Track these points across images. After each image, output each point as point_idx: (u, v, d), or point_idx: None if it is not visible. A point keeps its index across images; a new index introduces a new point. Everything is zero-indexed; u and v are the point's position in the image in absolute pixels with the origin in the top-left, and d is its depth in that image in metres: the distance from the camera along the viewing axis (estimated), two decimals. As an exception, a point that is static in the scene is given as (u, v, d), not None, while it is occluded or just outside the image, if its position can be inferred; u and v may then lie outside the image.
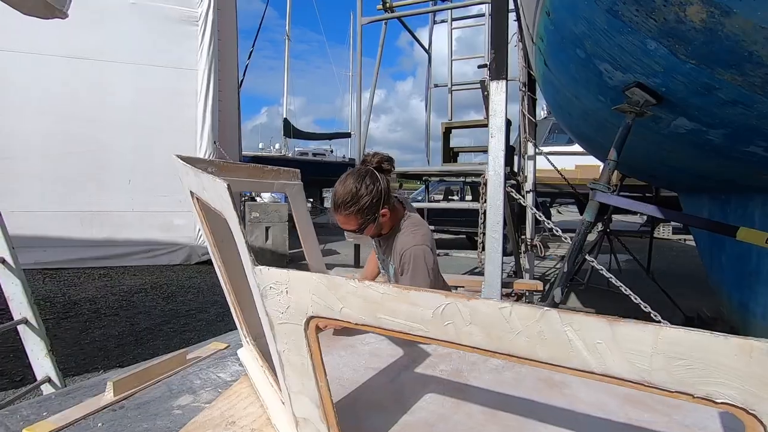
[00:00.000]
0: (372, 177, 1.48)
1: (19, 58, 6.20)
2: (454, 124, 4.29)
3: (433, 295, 0.59)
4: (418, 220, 1.59)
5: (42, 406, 1.08)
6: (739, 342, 0.43)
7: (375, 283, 0.63)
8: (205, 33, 7.20)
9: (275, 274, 0.73)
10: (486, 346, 0.56)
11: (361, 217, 1.46)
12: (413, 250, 1.48)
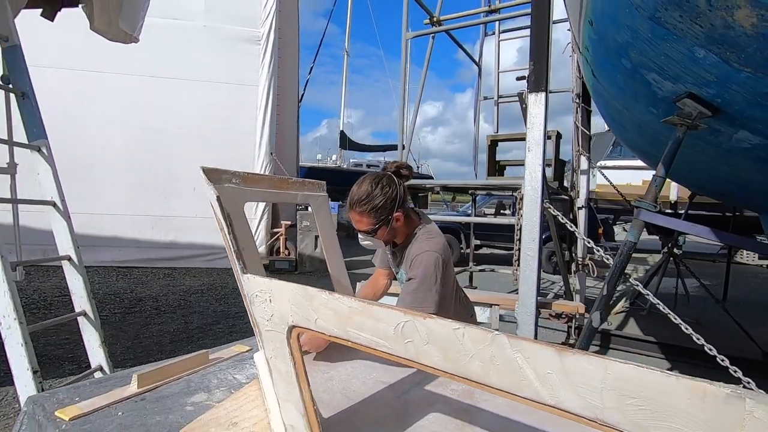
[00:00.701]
0: (388, 180, 1.50)
1: (105, 78, 6.96)
2: (499, 137, 4.19)
3: (394, 312, 0.58)
4: (434, 230, 1.58)
5: (76, 392, 1.20)
6: (691, 384, 0.39)
7: (344, 297, 0.64)
8: (267, 51, 7.66)
9: (260, 283, 0.76)
10: (444, 367, 0.55)
11: (373, 216, 1.48)
12: (425, 255, 1.47)
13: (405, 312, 0.57)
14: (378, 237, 1.56)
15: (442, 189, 4.14)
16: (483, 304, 2.70)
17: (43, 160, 2.06)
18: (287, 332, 0.75)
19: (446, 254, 1.52)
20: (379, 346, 0.62)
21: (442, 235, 1.57)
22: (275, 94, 7.87)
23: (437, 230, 1.59)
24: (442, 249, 1.50)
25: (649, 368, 0.41)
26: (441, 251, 1.49)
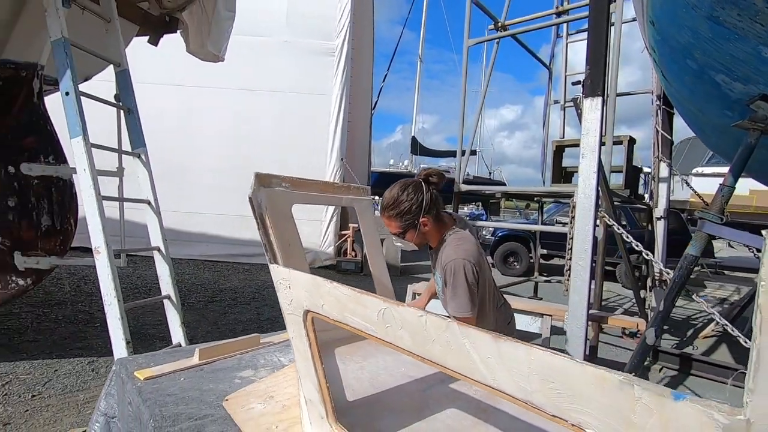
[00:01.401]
0: (416, 187, 1.57)
1: (201, 92, 7.82)
2: (565, 142, 4.00)
3: (376, 299, 0.68)
4: (464, 235, 1.61)
5: (153, 359, 1.44)
6: (594, 372, 0.44)
7: (342, 286, 0.75)
8: (340, 62, 8.06)
9: (282, 272, 0.89)
10: (413, 350, 0.63)
11: (400, 220, 1.57)
12: (454, 263, 1.52)
13: (384, 300, 0.66)
14: (407, 240, 1.65)
15: (503, 195, 4.07)
16: (535, 314, 2.63)
17: (142, 166, 2.44)
18: (303, 315, 0.87)
19: (476, 259, 1.55)
20: (368, 330, 0.71)
21: (472, 241, 1.60)
22: (347, 103, 8.24)
23: (468, 236, 1.62)
24: (471, 255, 1.54)
25: (562, 356, 0.46)
26: (470, 257, 1.53)
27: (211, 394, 1.22)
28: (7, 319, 4.15)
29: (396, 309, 0.63)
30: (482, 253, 1.62)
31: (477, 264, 1.54)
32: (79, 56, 2.70)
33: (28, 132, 2.70)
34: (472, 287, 1.52)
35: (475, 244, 1.59)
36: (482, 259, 1.61)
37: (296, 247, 1.56)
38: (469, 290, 1.51)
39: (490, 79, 4.18)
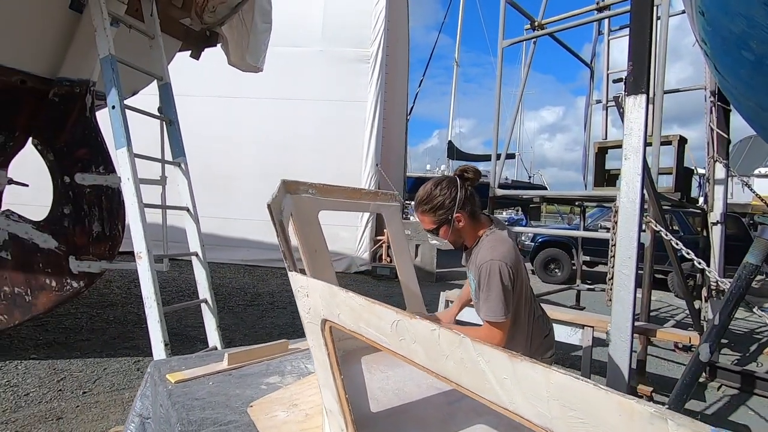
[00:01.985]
0: (449, 182, 1.55)
1: (242, 102, 8.12)
2: (608, 143, 3.79)
3: (389, 310, 0.65)
4: (502, 237, 1.55)
5: (185, 362, 1.48)
6: (621, 401, 0.39)
7: (356, 296, 0.72)
8: (375, 69, 8.13)
9: (300, 280, 0.88)
10: (428, 365, 0.60)
11: (434, 215, 1.54)
12: (489, 264, 1.46)
13: (397, 311, 0.63)
14: (442, 236, 1.60)
15: (542, 200, 3.92)
16: (575, 325, 2.50)
17: (181, 174, 2.55)
18: (321, 324, 0.85)
19: (513, 262, 1.48)
20: (382, 342, 0.68)
21: (508, 243, 1.53)
22: (382, 109, 8.28)
23: (505, 237, 1.56)
24: (508, 257, 1.47)
25: (584, 380, 0.42)
26: (505, 259, 1.46)
27: (237, 400, 1.23)
28: (66, 318, 4.45)
29: (409, 321, 0.60)
30: (520, 258, 1.55)
31: (514, 267, 1.48)
32: (127, 72, 2.87)
33: (81, 144, 2.89)
34: (507, 291, 1.45)
35: (513, 247, 1.53)
36: (520, 263, 1.54)
37: (323, 254, 1.56)
38: (503, 293, 1.45)
39: (527, 80, 4.05)
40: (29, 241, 2.99)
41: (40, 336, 3.86)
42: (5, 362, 3.24)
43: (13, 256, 3.00)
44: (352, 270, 8.05)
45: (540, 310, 1.77)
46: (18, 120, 2.80)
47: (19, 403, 2.71)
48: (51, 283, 3.06)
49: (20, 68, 2.59)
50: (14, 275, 3.03)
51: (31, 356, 3.40)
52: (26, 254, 3.01)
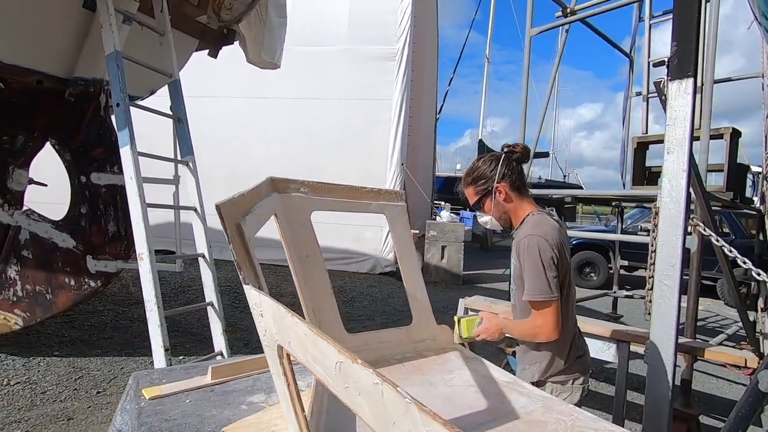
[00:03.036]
0: (493, 156, 1.53)
1: (266, 102, 8.15)
2: (648, 138, 3.44)
3: (332, 348, 0.49)
4: (546, 219, 1.46)
5: (167, 375, 1.37)
6: None
7: (301, 322, 0.57)
8: (401, 66, 7.96)
9: (253, 296, 0.73)
10: (375, 427, 0.44)
11: (476, 186, 1.53)
12: (527, 239, 1.39)
13: (339, 350, 0.47)
14: (485, 210, 1.54)
15: (575, 200, 3.63)
16: (608, 339, 2.24)
17: (189, 173, 2.49)
18: (278, 350, 0.70)
19: (555, 242, 1.38)
20: (329, 386, 0.52)
21: (554, 226, 1.44)
22: (408, 107, 8.10)
23: (551, 221, 1.46)
24: (549, 234, 1.38)
25: None
26: (547, 236, 1.37)
27: (211, 422, 1.10)
28: (92, 316, 4.54)
29: (351, 366, 0.44)
30: (566, 244, 1.45)
31: (555, 244, 1.37)
32: (143, 71, 2.84)
33: (96, 144, 2.89)
34: (550, 267, 1.34)
35: (558, 230, 1.43)
36: (564, 251, 1.42)
37: (315, 260, 1.41)
38: (545, 270, 1.34)
39: (560, 73, 3.77)
40: (49, 240, 3.03)
41: (66, 333, 3.94)
42: (29, 359, 3.31)
43: (34, 255, 3.05)
44: (376, 271, 7.91)
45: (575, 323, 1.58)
46: (36, 121, 2.83)
47: (34, 401, 2.73)
48: (70, 282, 3.09)
49: (36, 68, 2.61)
50: (35, 274, 3.08)
51: (54, 353, 3.46)
52: (46, 253, 3.05)
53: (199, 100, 8.17)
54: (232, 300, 5.66)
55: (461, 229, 7.88)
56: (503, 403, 1.26)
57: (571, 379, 1.52)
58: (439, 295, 6.54)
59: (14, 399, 2.73)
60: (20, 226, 3.00)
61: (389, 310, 5.66)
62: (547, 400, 1.31)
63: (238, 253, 0.77)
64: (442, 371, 1.45)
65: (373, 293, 6.49)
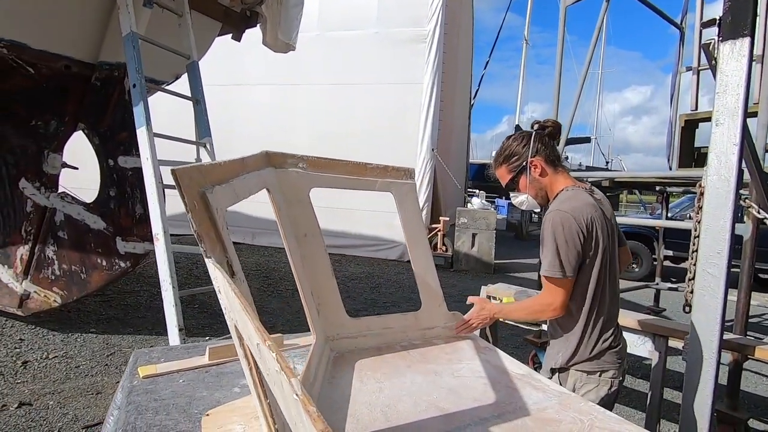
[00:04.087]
0: (522, 133, 1.46)
1: (298, 90, 8.16)
2: (698, 115, 3.11)
3: (250, 324, 0.41)
4: (580, 194, 1.37)
5: (167, 353, 1.35)
6: None
7: (237, 298, 0.49)
8: (432, 48, 7.72)
9: (211, 269, 0.66)
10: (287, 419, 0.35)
11: (508, 164, 1.46)
12: (552, 215, 1.32)
13: (257, 329, 0.39)
14: (521, 189, 1.46)
15: (612, 183, 3.37)
16: (643, 332, 2.05)
17: (207, 155, 2.48)
18: (235, 330, 0.63)
19: (584, 217, 1.29)
20: (261, 370, 0.44)
21: (587, 200, 1.34)
22: (439, 91, 7.87)
23: (582, 194, 1.37)
24: (577, 210, 1.29)
25: None
26: (574, 212, 1.28)
27: (200, 404, 1.07)
28: (129, 296, 4.75)
29: (263, 347, 0.36)
30: (602, 221, 1.33)
31: (584, 225, 1.28)
32: (168, 55, 2.86)
33: (122, 128, 2.94)
34: (568, 245, 1.27)
35: (591, 206, 1.32)
36: (598, 225, 1.31)
37: (315, 240, 1.34)
38: (559, 247, 1.28)
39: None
40: (82, 222, 3.14)
41: (103, 311, 4.14)
42: (68, 334, 3.49)
43: (69, 235, 3.18)
44: (405, 258, 7.83)
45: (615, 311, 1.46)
46: (66, 106, 2.92)
47: (69, 375, 2.87)
48: (102, 263, 3.20)
49: (64, 54, 2.68)
50: (71, 254, 3.21)
51: (90, 330, 3.63)
52: (80, 234, 3.17)
53: (230, 88, 8.31)
54: (261, 284, 5.76)
55: (493, 216, 7.64)
56: (514, 398, 1.15)
57: (599, 370, 1.39)
58: (467, 284, 6.39)
59: (51, 371, 2.88)
60: (56, 208, 3.13)
61: (415, 297, 5.54)
62: (565, 397, 1.19)
63: (201, 224, 0.70)
64: (450, 360, 1.35)
65: (401, 280, 6.42)
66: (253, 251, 7.77)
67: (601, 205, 1.39)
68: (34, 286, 3.27)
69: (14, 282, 3.31)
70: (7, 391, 2.61)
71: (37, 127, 2.98)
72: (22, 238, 3.23)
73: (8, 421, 2.28)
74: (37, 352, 3.14)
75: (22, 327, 3.53)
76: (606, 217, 1.37)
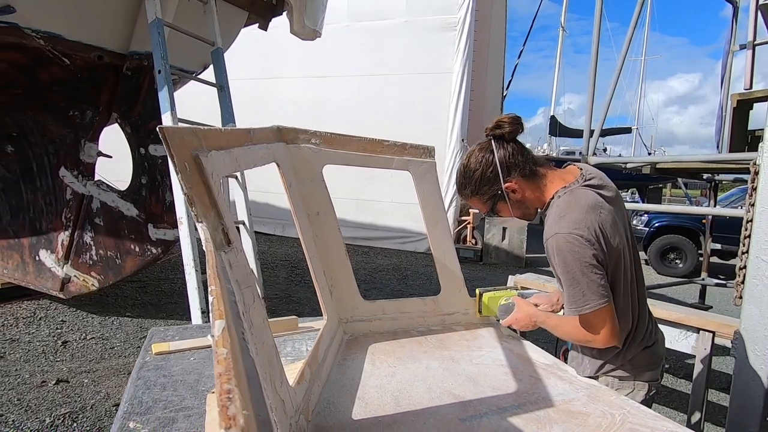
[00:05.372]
0: (482, 147, 1.18)
1: (325, 81, 8.17)
2: (754, 94, 2.83)
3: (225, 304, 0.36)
4: (577, 197, 1.11)
5: (182, 332, 1.35)
6: None
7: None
8: (462, 36, 7.52)
9: (201, 230, 0.62)
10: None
11: (481, 196, 1.20)
12: (554, 240, 1.07)
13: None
14: (503, 215, 1.23)
15: (653, 169, 3.14)
16: (689, 327, 1.89)
17: (231, 141, 2.49)
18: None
19: (588, 224, 1.05)
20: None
21: (584, 203, 1.09)
22: (470, 80, 7.67)
23: (584, 196, 1.11)
24: (578, 223, 1.05)
25: None
26: (576, 229, 1.04)
27: (208, 382, 1.05)
28: (164, 282, 4.92)
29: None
30: (609, 219, 1.09)
31: (594, 237, 1.04)
32: (195, 45, 2.90)
33: (152, 116, 3.01)
34: (584, 274, 1.03)
35: (593, 206, 1.08)
36: (610, 226, 1.08)
37: (328, 218, 1.30)
38: (576, 281, 1.04)
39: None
40: (116, 209, 3.25)
41: (138, 297, 4.30)
42: (105, 317, 3.64)
43: (104, 222, 3.30)
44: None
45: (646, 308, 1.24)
46: (100, 95, 3.01)
47: (104, 355, 2.98)
48: (135, 249, 3.31)
49: (96, 44, 2.76)
50: (106, 240, 3.33)
51: (126, 314, 3.78)
52: (114, 221, 3.28)
53: (262, 82, 8.44)
54: (289, 273, 5.83)
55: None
56: (537, 388, 1.07)
57: (633, 374, 1.20)
58: (498, 278, 6.22)
59: (88, 351, 3.01)
60: (92, 195, 3.26)
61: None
62: (595, 389, 1.09)
63: (194, 186, 0.66)
64: (469, 347, 1.28)
65: (429, 273, 6.33)
66: (282, 242, 7.89)
67: (601, 191, 1.15)
68: (74, 271, 3.42)
69: (56, 266, 3.47)
70: (47, 368, 2.74)
71: (74, 116, 3.10)
72: (63, 225, 3.38)
73: (46, 396, 2.39)
74: (76, 333, 3.29)
75: (64, 309, 3.72)
76: (612, 207, 1.13)
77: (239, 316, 0.48)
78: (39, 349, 2.98)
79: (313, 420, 0.88)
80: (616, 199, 1.17)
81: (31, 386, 2.49)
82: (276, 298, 4.63)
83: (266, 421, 0.35)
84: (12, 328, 3.29)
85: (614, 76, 3.37)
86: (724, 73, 3.88)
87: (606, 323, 1.07)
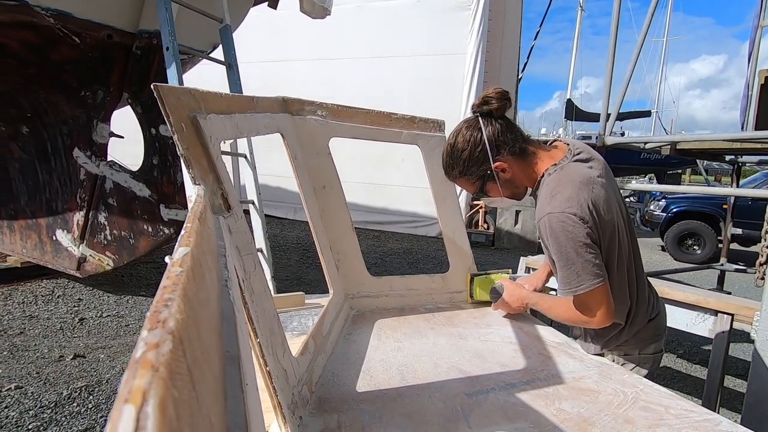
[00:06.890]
0: (469, 124, 1.13)
1: (336, 63, 8.08)
2: (783, 70, 2.69)
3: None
4: (567, 173, 1.06)
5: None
6: None
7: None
8: (476, 17, 7.33)
9: (191, 189, 0.60)
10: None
11: (469, 176, 1.15)
12: (546, 220, 1.02)
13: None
14: (493, 195, 1.18)
15: (674, 149, 3.03)
16: (706, 310, 1.84)
17: (240, 120, 2.47)
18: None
19: (581, 202, 1.00)
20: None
21: (575, 178, 1.04)
22: (483, 61, 7.50)
23: (570, 172, 1.06)
24: (570, 201, 1.01)
25: None
26: (568, 204, 1.00)
27: (214, 353, 1.05)
28: (177, 264, 4.98)
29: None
30: (602, 194, 1.04)
31: (587, 215, 1.00)
32: (204, 24, 2.86)
33: (163, 96, 2.99)
34: (578, 254, 1.00)
35: (584, 182, 1.03)
36: (603, 201, 1.03)
37: (334, 192, 1.27)
38: (571, 262, 1.01)
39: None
40: (129, 189, 3.28)
41: (153, 277, 4.37)
42: (121, 296, 3.71)
43: (117, 202, 3.33)
44: (445, 235, 7.70)
45: (644, 280, 1.22)
46: (111, 75, 3.01)
47: (119, 332, 3.05)
48: (148, 229, 3.34)
49: (106, 23, 2.75)
50: (120, 220, 3.38)
51: (141, 293, 3.84)
52: (127, 201, 3.31)
53: (274, 64, 8.37)
54: (301, 256, 5.86)
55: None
56: (546, 365, 1.05)
57: (638, 348, 1.18)
58: (510, 263, 6.16)
59: (104, 329, 3.08)
60: (105, 175, 3.29)
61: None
62: (607, 368, 1.07)
63: (191, 147, 0.64)
64: (477, 325, 1.26)
65: (440, 257, 6.30)
66: (294, 226, 7.92)
67: (592, 166, 1.10)
68: (89, 250, 3.49)
69: (73, 246, 3.54)
70: (65, 343, 2.81)
71: (86, 97, 3.11)
72: (78, 205, 3.43)
73: (64, 370, 2.46)
74: (92, 311, 3.37)
75: (81, 288, 3.80)
76: (603, 181, 1.08)
77: (225, 267, 0.46)
78: (57, 325, 3.06)
79: (316, 391, 0.87)
80: (605, 172, 1.12)
81: (50, 360, 2.56)
82: (287, 280, 4.66)
83: (235, 356, 0.32)
84: (31, 305, 3.38)
85: (633, 57, 3.24)
86: (751, 51, 3.71)
87: (602, 303, 1.04)
